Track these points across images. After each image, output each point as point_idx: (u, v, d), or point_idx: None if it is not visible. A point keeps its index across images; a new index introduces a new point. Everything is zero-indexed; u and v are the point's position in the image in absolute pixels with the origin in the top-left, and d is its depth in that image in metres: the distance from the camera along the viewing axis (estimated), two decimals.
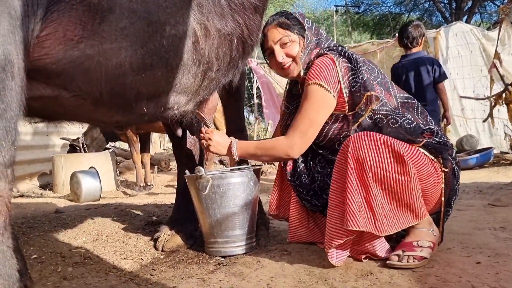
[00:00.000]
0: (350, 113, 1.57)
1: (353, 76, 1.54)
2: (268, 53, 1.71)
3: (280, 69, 1.69)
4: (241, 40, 1.45)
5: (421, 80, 3.22)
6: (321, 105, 1.55)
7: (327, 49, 1.64)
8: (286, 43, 1.65)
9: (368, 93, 1.51)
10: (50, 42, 0.95)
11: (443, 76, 3.28)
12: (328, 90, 1.53)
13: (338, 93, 1.55)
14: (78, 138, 5.19)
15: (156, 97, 1.31)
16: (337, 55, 1.57)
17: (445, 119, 3.53)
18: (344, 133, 1.60)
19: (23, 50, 0.83)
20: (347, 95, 1.55)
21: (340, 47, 1.63)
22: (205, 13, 1.25)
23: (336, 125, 1.61)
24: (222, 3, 1.30)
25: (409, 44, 3.29)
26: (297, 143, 1.58)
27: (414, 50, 3.31)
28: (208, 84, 1.48)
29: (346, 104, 1.56)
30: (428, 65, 3.25)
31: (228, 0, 1.32)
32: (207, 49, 1.33)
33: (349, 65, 1.56)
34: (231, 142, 1.69)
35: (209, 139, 1.71)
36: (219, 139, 1.71)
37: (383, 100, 1.54)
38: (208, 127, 1.81)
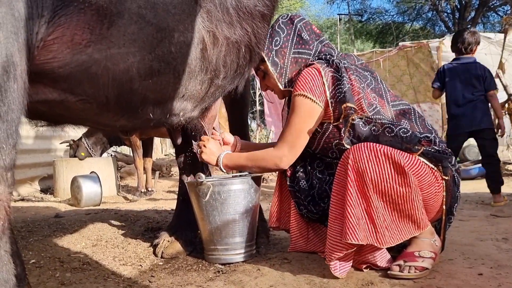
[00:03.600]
0: (335, 123, 1.57)
1: (338, 86, 1.55)
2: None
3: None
4: (248, 48, 1.46)
5: (469, 84, 3.18)
6: (308, 116, 1.56)
7: (316, 58, 1.65)
8: (263, 77, 1.74)
9: (344, 105, 1.51)
10: (58, 46, 0.95)
11: (492, 85, 3.24)
12: (314, 101, 1.54)
13: (324, 103, 1.56)
14: (74, 141, 5.11)
15: (163, 103, 1.31)
16: (324, 65, 1.58)
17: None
18: (336, 141, 1.60)
19: (26, 53, 0.82)
20: (332, 104, 1.55)
21: (328, 56, 1.62)
22: (214, 21, 1.26)
23: (327, 134, 1.61)
24: (230, 11, 1.30)
25: (463, 49, 3.28)
26: (286, 154, 1.61)
27: (467, 55, 3.30)
28: (214, 91, 1.48)
29: (331, 113, 1.56)
30: (479, 71, 3.22)
31: (237, 8, 1.32)
32: (215, 57, 1.33)
33: (335, 74, 1.56)
34: (221, 153, 1.71)
35: (204, 146, 1.72)
36: (212, 148, 1.73)
37: (377, 107, 1.55)
38: (206, 135, 1.81)
